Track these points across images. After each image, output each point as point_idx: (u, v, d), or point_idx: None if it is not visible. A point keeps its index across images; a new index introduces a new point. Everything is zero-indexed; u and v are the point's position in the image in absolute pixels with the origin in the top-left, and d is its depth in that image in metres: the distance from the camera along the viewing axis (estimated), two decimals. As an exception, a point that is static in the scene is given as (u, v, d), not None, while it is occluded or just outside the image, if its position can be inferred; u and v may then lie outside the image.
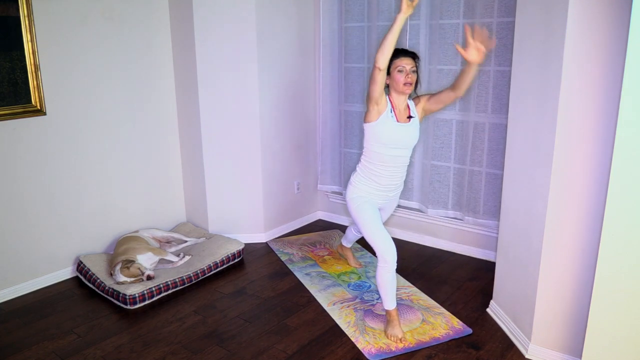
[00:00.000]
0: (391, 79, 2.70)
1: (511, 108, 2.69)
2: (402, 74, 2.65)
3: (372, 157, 2.77)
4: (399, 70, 2.65)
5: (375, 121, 2.68)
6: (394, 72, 2.67)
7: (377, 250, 2.69)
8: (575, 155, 2.24)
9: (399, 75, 2.65)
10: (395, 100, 2.73)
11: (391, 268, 2.67)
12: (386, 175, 2.79)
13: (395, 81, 2.67)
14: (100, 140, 3.54)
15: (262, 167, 3.95)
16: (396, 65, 2.65)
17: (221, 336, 2.80)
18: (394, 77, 2.67)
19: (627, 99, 1.80)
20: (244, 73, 3.76)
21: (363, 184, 2.83)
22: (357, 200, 2.83)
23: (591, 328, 2.04)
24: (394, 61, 2.65)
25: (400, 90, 2.69)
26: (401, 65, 2.65)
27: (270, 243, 4.04)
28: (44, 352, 2.66)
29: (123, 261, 3.19)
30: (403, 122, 2.72)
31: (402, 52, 2.70)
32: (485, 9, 3.32)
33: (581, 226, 2.28)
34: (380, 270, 2.69)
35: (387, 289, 2.71)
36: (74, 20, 3.28)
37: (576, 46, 2.15)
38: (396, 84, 2.68)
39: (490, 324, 2.86)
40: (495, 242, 3.54)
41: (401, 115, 2.73)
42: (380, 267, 2.68)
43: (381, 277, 2.69)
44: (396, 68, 2.65)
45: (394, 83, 2.69)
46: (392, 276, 2.69)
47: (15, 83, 3.07)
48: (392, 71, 2.68)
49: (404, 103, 2.75)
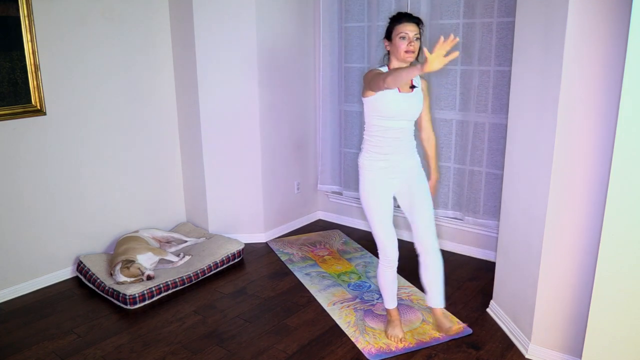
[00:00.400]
0: (392, 46, 2.47)
1: (511, 108, 2.69)
2: (405, 41, 2.41)
3: (374, 131, 2.55)
4: (402, 37, 2.41)
5: (375, 94, 2.47)
6: (396, 39, 2.43)
7: (380, 247, 2.65)
8: (575, 155, 2.24)
9: (402, 43, 2.42)
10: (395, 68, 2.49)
11: (392, 266, 2.65)
12: (391, 147, 2.56)
13: (397, 48, 2.44)
14: (100, 140, 3.54)
15: (262, 167, 3.95)
16: (399, 32, 2.42)
17: (221, 336, 2.80)
18: (396, 43, 2.44)
19: (627, 98, 1.80)
20: (243, 73, 3.76)
21: (368, 160, 2.59)
22: (367, 186, 2.60)
23: (591, 328, 2.04)
24: (396, 27, 2.44)
25: (401, 58, 2.45)
26: (404, 31, 2.41)
27: (270, 243, 4.04)
28: (44, 352, 2.66)
29: (123, 261, 3.19)
30: (405, 92, 2.50)
31: (406, 16, 2.46)
32: (485, 9, 3.33)
33: (581, 226, 2.28)
34: (381, 267, 2.67)
35: (388, 288, 2.70)
36: (74, 20, 3.28)
37: (576, 46, 2.15)
38: (398, 51, 2.44)
39: (490, 324, 2.86)
40: (495, 242, 3.54)
41: (403, 84, 2.48)
42: (381, 265, 2.66)
43: (382, 275, 2.68)
44: (398, 34, 2.42)
45: (395, 50, 2.46)
46: (392, 275, 2.68)
47: (15, 83, 3.07)
48: (393, 37, 2.45)
49: None
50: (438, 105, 3.67)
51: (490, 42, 3.35)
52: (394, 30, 2.46)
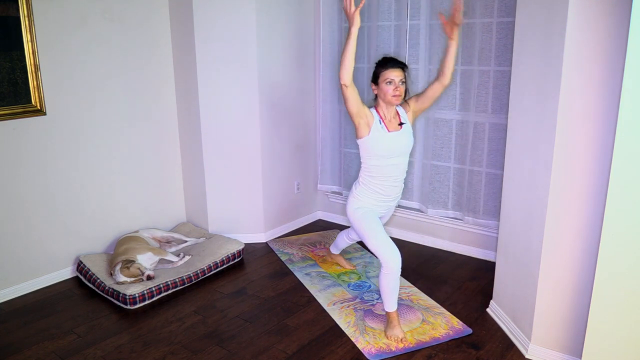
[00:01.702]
0: (379, 90, 2.64)
1: (511, 108, 2.69)
2: (391, 86, 2.59)
3: (372, 171, 2.73)
4: (388, 82, 2.59)
5: (367, 135, 2.64)
6: (383, 84, 2.61)
7: (381, 258, 2.66)
8: (575, 155, 2.24)
9: (388, 87, 2.60)
10: (383, 111, 2.69)
11: (396, 275, 2.66)
12: (388, 185, 2.76)
13: (384, 93, 2.62)
14: (100, 140, 3.54)
15: (262, 167, 3.95)
16: (385, 77, 2.60)
17: (221, 336, 2.80)
18: (383, 88, 2.61)
19: (627, 98, 1.80)
20: (244, 73, 3.76)
21: (366, 197, 2.79)
22: (359, 211, 2.78)
23: (591, 328, 2.04)
24: (382, 72, 2.61)
25: (388, 101, 2.64)
26: (389, 77, 2.58)
27: (270, 243, 4.04)
28: (44, 352, 2.66)
29: (123, 261, 3.19)
30: (395, 131, 2.68)
31: (391, 62, 2.63)
32: (485, 9, 3.33)
33: (581, 226, 2.28)
34: (384, 277, 2.67)
35: (389, 293, 2.70)
36: (74, 20, 3.28)
37: (576, 46, 2.15)
38: (385, 95, 2.62)
39: (490, 324, 2.86)
40: (495, 242, 3.54)
41: (391, 124, 2.69)
42: (385, 275, 2.67)
43: (385, 282, 2.68)
44: (385, 80, 2.60)
45: (382, 94, 2.63)
46: (395, 282, 2.68)
47: (15, 83, 3.07)
48: (380, 82, 2.62)
49: (392, 111, 2.71)
50: (438, 105, 3.67)
51: (490, 42, 3.35)
52: (380, 75, 2.62)
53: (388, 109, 2.69)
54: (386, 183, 2.75)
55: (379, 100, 2.69)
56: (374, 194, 2.78)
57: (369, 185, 2.77)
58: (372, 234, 2.70)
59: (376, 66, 2.67)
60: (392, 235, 4.06)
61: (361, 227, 2.76)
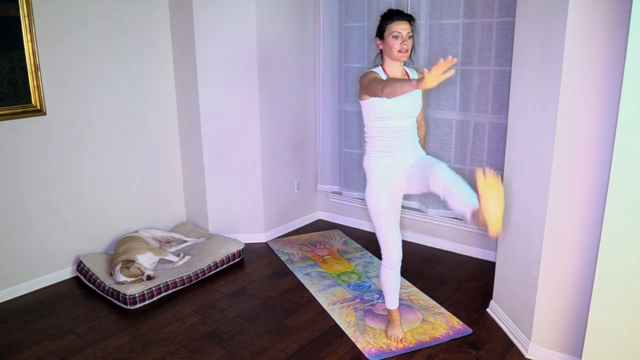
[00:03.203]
0: (385, 45, 2.44)
1: (511, 108, 2.69)
2: (398, 40, 2.38)
3: (374, 132, 2.51)
4: (394, 36, 2.38)
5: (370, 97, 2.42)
6: (389, 38, 2.40)
7: (384, 249, 2.63)
8: (575, 155, 2.24)
9: (394, 42, 2.39)
10: (389, 69, 2.48)
11: (395, 267, 2.64)
12: (393, 146, 2.50)
13: (390, 48, 2.41)
14: (100, 140, 3.54)
15: (262, 167, 3.95)
16: (391, 30, 2.39)
17: (221, 336, 2.80)
18: (389, 42, 2.40)
19: (628, 98, 1.80)
20: (244, 73, 3.76)
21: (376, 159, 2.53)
22: (375, 190, 2.54)
23: (591, 328, 2.04)
24: (388, 25, 2.41)
25: (394, 57, 2.42)
26: (397, 30, 2.37)
27: (270, 243, 4.04)
28: (44, 352, 2.66)
29: (123, 261, 3.19)
30: None
31: (398, 14, 2.42)
32: (485, 9, 3.33)
33: (581, 226, 2.28)
34: (384, 269, 2.66)
35: (390, 289, 2.69)
36: (74, 20, 3.28)
37: (576, 46, 2.15)
38: (391, 50, 2.41)
39: (490, 324, 2.86)
40: (495, 242, 3.54)
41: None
42: (385, 266, 2.66)
43: (385, 276, 2.67)
44: (391, 33, 2.39)
45: (388, 49, 2.42)
46: (395, 276, 2.67)
47: (15, 83, 3.07)
48: (386, 36, 2.42)
49: (399, 70, 2.49)
50: (438, 105, 3.67)
51: (490, 42, 3.35)
52: (386, 28, 2.42)
53: (394, 66, 2.47)
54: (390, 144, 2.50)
55: (384, 57, 2.48)
56: (377, 154, 2.53)
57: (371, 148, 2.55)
58: (381, 224, 2.57)
59: (381, 19, 2.47)
60: (392, 235, 4.06)
61: (373, 213, 2.58)
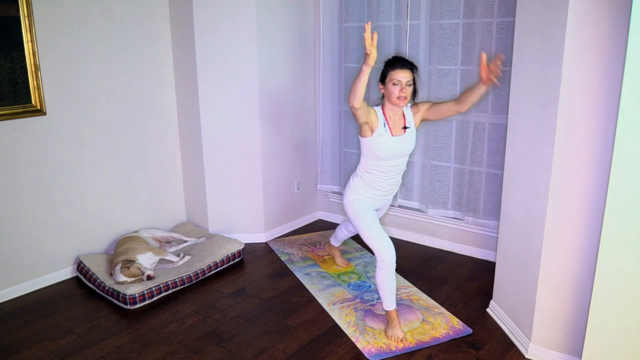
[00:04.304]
0: (386, 90, 2.60)
1: (511, 108, 2.69)
2: (397, 87, 2.55)
3: (370, 168, 2.75)
4: (394, 83, 2.55)
5: (370, 137, 2.63)
6: (389, 84, 2.56)
7: (376, 252, 2.69)
8: (575, 155, 2.24)
9: (394, 88, 2.55)
10: (389, 112, 2.65)
11: (390, 269, 2.67)
12: (384, 182, 2.80)
13: (390, 93, 2.57)
14: (100, 140, 3.54)
15: (262, 167, 3.95)
16: (392, 78, 2.55)
17: (221, 336, 2.80)
18: (389, 89, 2.57)
19: (628, 98, 1.80)
20: (244, 73, 3.76)
21: (362, 190, 2.82)
22: (355, 203, 2.81)
23: (591, 328, 2.04)
24: (390, 72, 2.56)
25: (394, 102, 2.59)
26: (397, 78, 2.54)
27: (270, 243, 4.04)
28: (44, 352, 2.66)
29: (123, 261, 3.19)
30: (398, 135, 2.65)
31: (400, 62, 2.57)
32: (485, 9, 3.33)
33: (581, 226, 2.28)
34: (379, 271, 2.69)
35: (386, 290, 2.70)
36: (74, 20, 3.28)
37: (576, 46, 2.15)
38: (390, 96, 2.58)
39: (490, 324, 2.86)
40: (495, 242, 3.54)
41: (395, 127, 2.66)
42: (380, 269, 2.68)
43: (381, 278, 2.69)
44: (391, 80, 2.55)
45: (388, 95, 2.59)
46: (391, 277, 2.69)
47: (15, 83, 3.07)
48: (387, 82, 2.58)
49: (398, 113, 2.67)
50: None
51: (490, 42, 3.35)
52: (387, 75, 2.57)
53: (394, 110, 2.65)
54: (383, 180, 2.79)
55: (385, 101, 2.65)
56: (370, 189, 2.81)
57: (366, 180, 2.79)
58: (367, 227, 2.72)
59: (385, 65, 2.62)
60: (392, 235, 4.06)
61: (357, 220, 2.77)
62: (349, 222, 3.33)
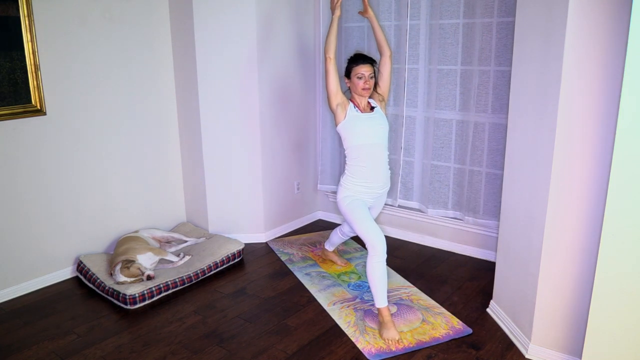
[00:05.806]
0: (351, 84, 2.99)
1: (511, 108, 2.69)
2: (361, 80, 2.94)
3: (352, 157, 2.96)
4: (359, 77, 2.95)
5: (344, 119, 2.95)
6: (354, 78, 2.96)
7: (367, 241, 2.77)
8: (575, 155, 2.24)
9: (358, 81, 2.95)
10: (356, 100, 3.02)
11: (381, 258, 2.73)
12: (369, 171, 2.94)
13: (355, 86, 2.97)
14: (100, 140, 3.54)
15: (262, 167, 3.95)
16: (356, 72, 2.95)
17: (221, 336, 2.80)
18: (354, 82, 2.97)
19: (627, 98, 1.80)
20: (244, 73, 3.76)
21: (352, 184, 2.97)
22: (347, 199, 2.96)
23: (591, 328, 2.04)
24: (354, 68, 2.96)
25: (359, 93, 2.99)
26: (360, 72, 2.94)
27: (270, 243, 4.04)
28: (44, 352, 2.66)
29: (123, 261, 3.19)
30: (367, 112, 3.00)
31: (361, 58, 2.97)
32: (485, 9, 3.33)
33: (581, 226, 2.28)
34: (370, 260, 2.74)
35: (377, 283, 2.74)
36: (74, 20, 3.28)
37: (576, 46, 2.15)
38: (355, 88, 2.98)
39: (490, 324, 2.87)
40: (495, 242, 3.54)
41: (364, 109, 3.02)
42: (371, 257, 2.74)
43: (372, 267, 2.74)
44: (356, 75, 2.96)
45: (354, 87, 2.99)
46: (382, 268, 2.73)
47: (15, 83, 3.07)
48: (352, 77, 2.97)
49: (364, 102, 3.04)
50: (438, 105, 3.67)
51: (490, 42, 3.35)
52: (352, 70, 2.98)
53: (360, 100, 3.02)
54: (367, 170, 2.94)
55: (352, 93, 3.04)
56: (359, 181, 2.96)
57: (353, 173, 2.97)
58: (359, 220, 2.87)
59: (348, 62, 3.01)
60: (392, 235, 4.06)
61: (349, 214, 2.93)
62: (343, 225, 3.43)
